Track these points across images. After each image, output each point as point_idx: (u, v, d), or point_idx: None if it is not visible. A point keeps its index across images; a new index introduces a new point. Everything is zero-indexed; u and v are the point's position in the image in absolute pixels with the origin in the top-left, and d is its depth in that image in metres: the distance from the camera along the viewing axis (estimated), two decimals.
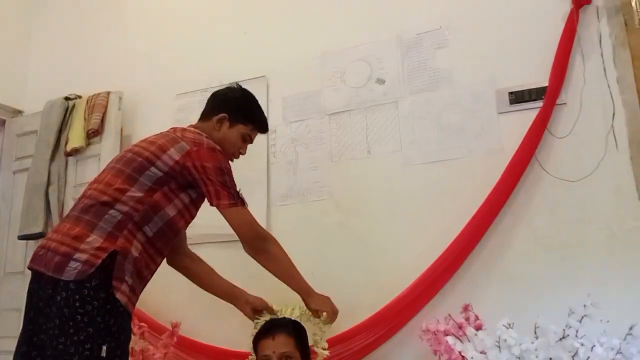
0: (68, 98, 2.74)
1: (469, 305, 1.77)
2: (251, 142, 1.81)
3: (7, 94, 2.94)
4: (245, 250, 1.65)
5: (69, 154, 2.61)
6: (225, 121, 1.72)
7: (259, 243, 1.64)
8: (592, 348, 1.45)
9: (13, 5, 3.10)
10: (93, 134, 2.59)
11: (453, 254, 1.91)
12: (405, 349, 1.95)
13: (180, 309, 2.17)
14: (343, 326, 1.87)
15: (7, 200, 2.76)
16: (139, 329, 1.87)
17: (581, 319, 1.50)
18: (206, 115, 1.76)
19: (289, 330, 1.64)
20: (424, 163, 2.12)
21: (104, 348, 1.30)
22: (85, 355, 1.28)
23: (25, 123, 2.86)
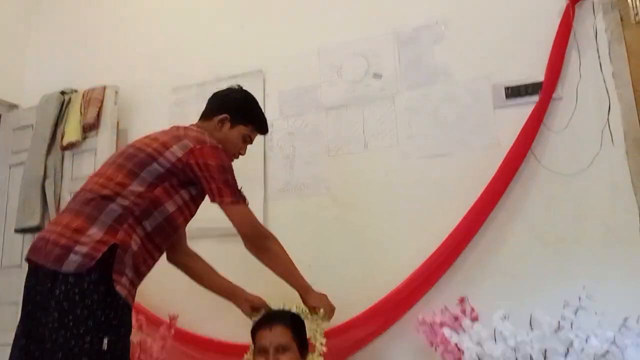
0: (64, 92, 2.73)
1: (465, 298, 1.78)
2: (251, 143, 1.84)
3: (3, 88, 2.92)
4: (246, 248, 1.67)
5: (65, 148, 2.61)
6: (227, 122, 1.74)
7: (260, 241, 1.67)
8: (587, 339, 1.46)
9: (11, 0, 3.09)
10: (89, 128, 2.59)
11: (449, 248, 1.92)
12: (402, 341, 1.96)
13: (178, 302, 2.17)
14: (340, 319, 1.88)
15: (3, 194, 2.75)
16: (136, 321, 1.86)
17: (576, 311, 1.51)
18: (207, 115, 1.77)
19: (286, 322, 1.65)
20: (420, 158, 2.12)
21: (105, 341, 1.31)
22: (86, 349, 1.28)
23: (21, 117, 2.85)
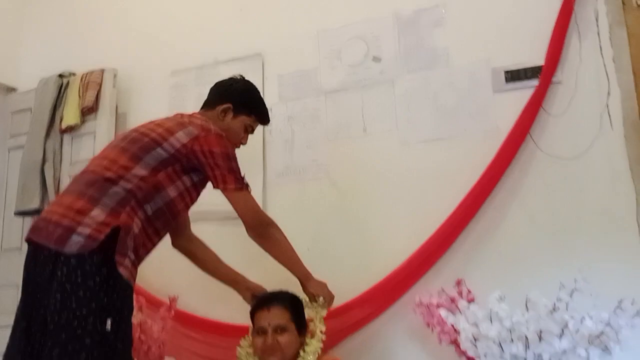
0: (62, 75, 2.72)
1: (462, 280, 1.80)
2: (252, 133, 1.85)
3: (0, 71, 2.90)
4: (248, 235, 1.69)
5: (64, 132, 2.60)
6: (229, 112, 1.75)
7: (262, 228, 1.69)
8: (582, 321, 1.48)
9: None
10: (88, 112, 2.58)
11: (447, 231, 1.93)
12: (399, 322, 1.98)
13: (178, 284, 2.18)
14: (339, 301, 1.89)
15: (3, 177, 2.75)
16: (136, 303, 1.87)
17: (572, 293, 1.53)
18: (209, 104, 1.78)
19: (284, 303, 1.67)
20: (419, 142, 2.12)
21: (109, 322, 1.32)
22: (89, 330, 1.29)
23: (20, 100, 2.83)
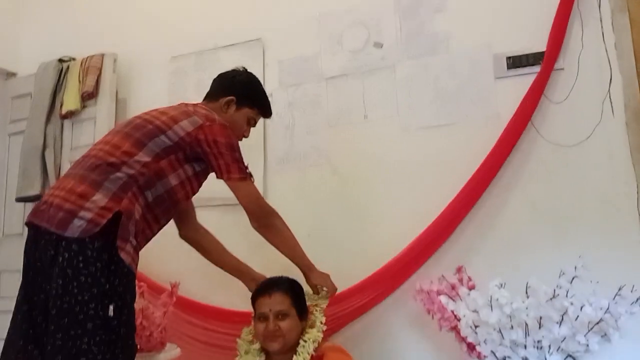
0: (62, 60, 2.71)
1: (462, 267, 1.80)
2: (254, 126, 1.85)
3: (0, 55, 2.88)
4: (251, 225, 1.69)
5: (64, 117, 2.60)
6: (232, 104, 1.75)
7: (265, 218, 1.70)
8: (582, 308, 1.48)
9: None
10: (88, 97, 2.57)
11: (448, 218, 1.94)
12: (400, 309, 1.99)
13: (179, 271, 2.19)
14: (339, 288, 1.89)
15: (3, 162, 2.75)
16: (138, 289, 1.88)
17: (572, 280, 1.53)
18: (212, 96, 1.77)
19: (285, 289, 1.68)
20: (420, 128, 2.12)
21: (111, 308, 1.32)
22: (90, 315, 1.29)
23: (20, 85, 2.82)
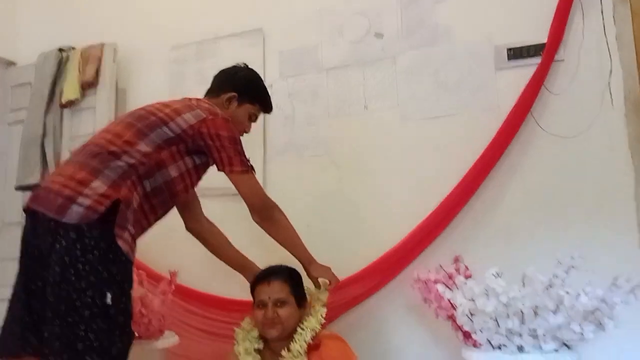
0: (62, 49, 2.70)
1: (460, 257, 1.81)
2: (255, 121, 1.86)
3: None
4: (253, 218, 1.71)
5: (64, 106, 2.60)
6: (234, 100, 1.76)
7: (266, 212, 1.71)
8: (577, 297, 1.48)
9: None
10: (88, 86, 2.58)
11: (447, 208, 1.94)
12: (397, 298, 2.00)
13: (179, 259, 2.20)
14: (337, 277, 1.90)
15: (3, 151, 2.75)
16: (137, 277, 1.90)
17: (568, 270, 1.54)
18: (214, 92, 1.78)
19: (284, 277, 1.69)
20: (420, 119, 2.12)
21: (109, 295, 1.32)
22: (87, 302, 1.29)
23: (19, 74, 2.82)
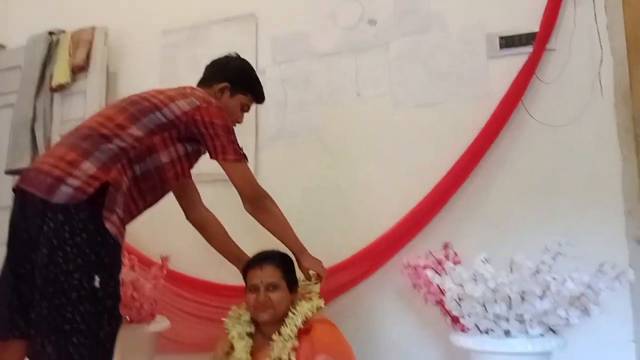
0: (52, 33, 2.67)
1: (449, 243, 1.83)
2: (247, 111, 1.86)
3: None
4: (245, 208, 1.71)
5: (54, 90, 2.57)
6: (227, 90, 1.76)
7: (259, 201, 1.72)
8: (564, 283, 1.51)
9: None
10: (78, 70, 2.56)
11: (437, 195, 1.96)
12: (387, 284, 2.03)
13: (171, 244, 2.20)
14: (328, 263, 1.91)
15: None
16: (129, 261, 1.90)
17: (555, 256, 1.56)
18: (206, 82, 1.78)
19: (276, 261, 1.70)
20: (412, 106, 2.13)
21: (97, 278, 1.32)
22: (75, 285, 1.29)
23: (9, 58, 2.78)
